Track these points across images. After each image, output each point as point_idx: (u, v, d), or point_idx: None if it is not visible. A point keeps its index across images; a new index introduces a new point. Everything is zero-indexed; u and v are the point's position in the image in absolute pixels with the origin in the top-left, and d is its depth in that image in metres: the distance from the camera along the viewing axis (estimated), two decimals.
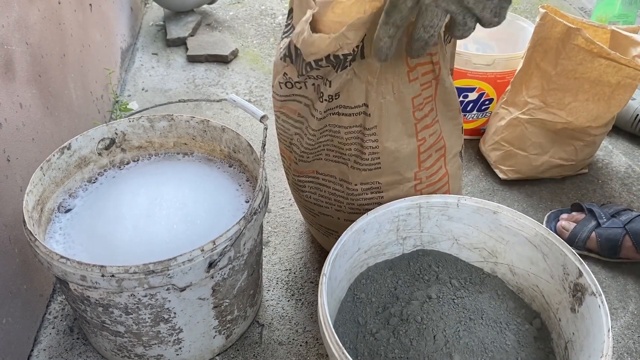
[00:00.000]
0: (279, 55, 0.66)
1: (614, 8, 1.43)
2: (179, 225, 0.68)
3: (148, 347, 0.66)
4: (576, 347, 0.57)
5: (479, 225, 0.68)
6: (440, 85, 0.65)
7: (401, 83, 0.62)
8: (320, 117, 0.65)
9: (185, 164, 0.80)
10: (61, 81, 0.90)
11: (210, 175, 0.77)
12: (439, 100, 0.66)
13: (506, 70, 1.04)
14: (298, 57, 0.62)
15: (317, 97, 0.64)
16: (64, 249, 0.66)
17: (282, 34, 0.69)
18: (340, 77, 0.61)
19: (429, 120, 0.66)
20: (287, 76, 0.65)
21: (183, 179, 0.75)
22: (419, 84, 0.63)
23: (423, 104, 0.65)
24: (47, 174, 0.69)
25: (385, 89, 0.61)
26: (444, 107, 0.67)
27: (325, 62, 0.60)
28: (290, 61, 0.64)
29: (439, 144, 0.69)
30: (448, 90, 0.66)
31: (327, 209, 0.74)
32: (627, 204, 0.99)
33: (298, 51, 0.62)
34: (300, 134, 0.69)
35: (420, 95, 0.64)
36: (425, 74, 0.63)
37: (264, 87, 1.32)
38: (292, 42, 0.62)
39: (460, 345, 0.58)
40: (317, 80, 0.63)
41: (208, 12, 1.66)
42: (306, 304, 0.81)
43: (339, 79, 0.61)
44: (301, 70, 0.63)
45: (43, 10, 0.84)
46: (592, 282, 0.56)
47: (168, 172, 0.77)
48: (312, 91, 0.65)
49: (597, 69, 0.88)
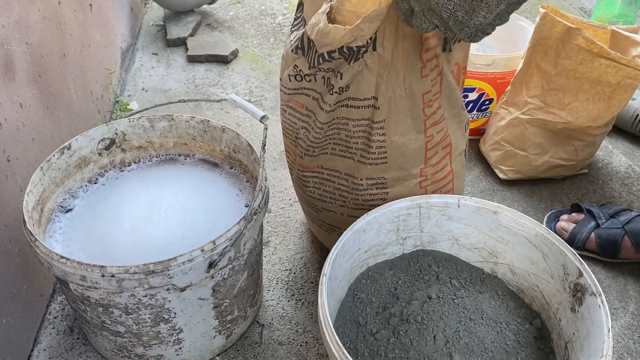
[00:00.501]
0: (290, 47, 0.66)
1: (614, 8, 1.43)
2: (176, 228, 0.68)
3: (148, 347, 0.66)
4: (576, 347, 0.57)
5: (479, 226, 0.68)
6: (444, 80, 0.65)
7: (413, 78, 0.62)
8: (329, 109, 0.65)
9: (188, 167, 0.80)
10: (61, 81, 0.90)
11: (211, 180, 0.77)
12: (444, 97, 0.67)
13: (506, 70, 1.04)
14: (310, 49, 0.62)
15: (327, 90, 0.64)
16: (63, 248, 0.66)
17: (292, 27, 0.69)
18: (352, 69, 0.61)
19: (437, 117, 0.66)
20: (298, 68, 0.65)
21: (185, 183, 0.75)
22: (430, 80, 0.63)
23: (432, 100, 0.65)
24: (47, 174, 0.69)
25: (395, 82, 0.62)
26: (448, 105, 0.68)
27: (338, 53, 0.60)
28: (302, 53, 0.64)
29: (445, 141, 0.69)
30: (451, 85, 0.66)
31: (331, 205, 0.74)
32: (627, 204, 0.99)
33: (311, 43, 0.62)
34: (307, 127, 0.69)
35: (430, 92, 0.64)
36: (433, 69, 0.63)
37: (264, 87, 1.32)
38: (306, 33, 0.62)
39: (460, 345, 0.58)
40: (327, 72, 0.63)
41: (208, 12, 1.66)
42: (306, 304, 0.81)
43: (350, 71, 0.61)
44: (313, 62, 0.63)
45: (43, 10, 0.84)
46: (592, 282, 0.56)
47: (170, 175, 0.77)
48: (322, 84, 0.64)
49: (597, 69, 0.88)
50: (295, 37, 0.66)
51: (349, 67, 0.61)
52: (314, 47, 0.61)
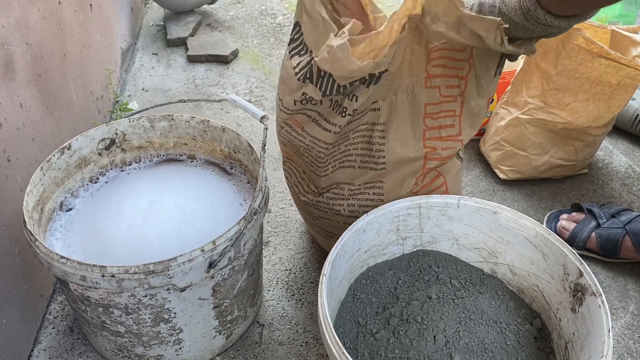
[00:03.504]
0: (295, 76, 0.64)
1: (614, 8, 1.43)
2: (172, 232, 0.68)
3: (148, 347, 0.66)
4: (576, 347, 0.57)
5: (479, 226, 0.68)
6: (466, 103, 0.65)
7: (416, 86, 0.62)
8: (338, 131, 0.64)
9: (189, 167, 0.79)
10: (61, 81, 0.90)
11: (214, 186, 0.76)
12: (465, 119, 0.66)
13: (506, 70, 1.03)
14: (322, 79, 0.61)
15: (337, 112, 0.63)
16: (62, 247, 0.66)
17: (290, 49, 0.66)
18: (368, 92, 0.61)
19: (444, 133, 0.66)
20: (307, 96, 0.64)
21: (189, 187, 0.75)
22: (438, 93, 0.63)
23: (440, 114, 0.64)
24: (47, 174, 0.69)
25: (399, 86, 0.62)
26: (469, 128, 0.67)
27: (359, 82, 0.60)
28: (310, 82, 0.63)
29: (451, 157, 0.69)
30: (473, 110, 0.65)
31: (326, 213, 0.74)
32: (627, 204, 0.99)
33: (323, 73, 0.60)
34: (306, 146, 0.69)
35: (437, 105, 0.64)
36: (450, 87, 0.63)
37: (264, 87, 1.32)
38: (316, 65, 0.60)
39: (460, 346, 0.58)
40: (336, 96, 0.62)
41: (208, 12, 1.66)
42: (306, 304, 0.81)
43: (366, 94, 0.61)
44: (329, 90, 0.61)
45: (43, 10, 0.84)
46: (593, 282, 0.56)
47: (176, 176, 0.77)
48: (327, 107, 0.64)
49: (597, 69, 0.88)
50: (300, 65, 0.64)
51: (366, 90, 0.61)
52: (328, 77, 0.60)
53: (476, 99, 0.65)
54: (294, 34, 0.67)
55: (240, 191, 0.75)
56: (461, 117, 0.65)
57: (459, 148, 0.67)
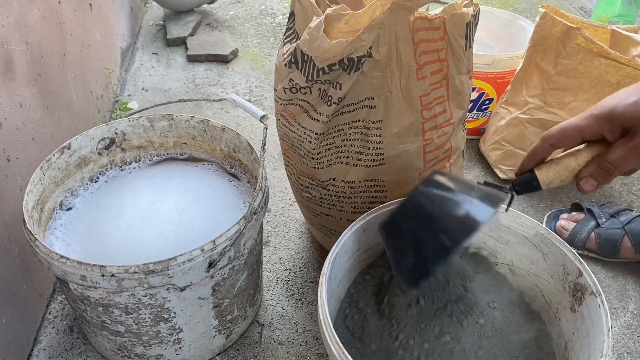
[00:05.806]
0: (283, 62, 0.66)
1: (614, 8, 1.43)
2: (171, 233, 0.68)
3: (148, 346, 0.66)
4: (576, 346, 0.57)
5: None
6: (450, 84, 0.65)
7: (409, 80, 0.62)
8: (326, 120, 0.64)
9: (191, 168, 0.79)
10: (61, 81, 0.90)
11: (214, 186, 0.76)
12: (452, 102, 0.66)
13: (506, 70, 1.04)
14: (306, 63, 0.62)
15: (323, 101, 0.64)
16: (61, 246, 0.66)
17: (284, 38, 0.68)
18: (351, 79, 0.61)
19: (440, 120, 0.66)
20: (294, 82, 0.65)
21: (188, 187, 0.75)
22: (428, 83, 0.63)
23: (432, 104, 0.64)
24: (47, 173, 0.69)
25: (392, 82, 0.61)
26: (458, 109, 0.67)
27: (338, 66, 0.60)
28: (296, 67, 0.63)
29: (446, 145, 0.68)
30: (458, 89, 0.66)
31: (330, 210, 0.74)
32: (627, 204, 0.99)
33: (305, 57, 0.61)
34: (299, 138, 0.69)
35: (429, 95, 0.64)
36: (434, 73, 0.63)
37: (264, 86, 1.32)
38: (299, 48, 0.62)
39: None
40: (324, 84, 0.63)
41: (208, 12, 1.66)
42: (306, 303, 0.81)
43: (349, 81, 0.61)
44: (311, 75, 0.62)
45: (43, 10, 0.84)
46: (592, 281, 0.56)
47: (176, 176, 0.77)
48: (317, 96, 0.64)
49: (597, 69, 0.88)
50: (288, 51, 0.65)
51: (349, 77, 0.61)
52: (310, 61, 0.61)
53: (458, 76, 0.65)
54: (289, 24, 0.68)
55: (240, 191, 0.75)
56: (449, 101, 0.66)
57: (451, 132, 0.67)
